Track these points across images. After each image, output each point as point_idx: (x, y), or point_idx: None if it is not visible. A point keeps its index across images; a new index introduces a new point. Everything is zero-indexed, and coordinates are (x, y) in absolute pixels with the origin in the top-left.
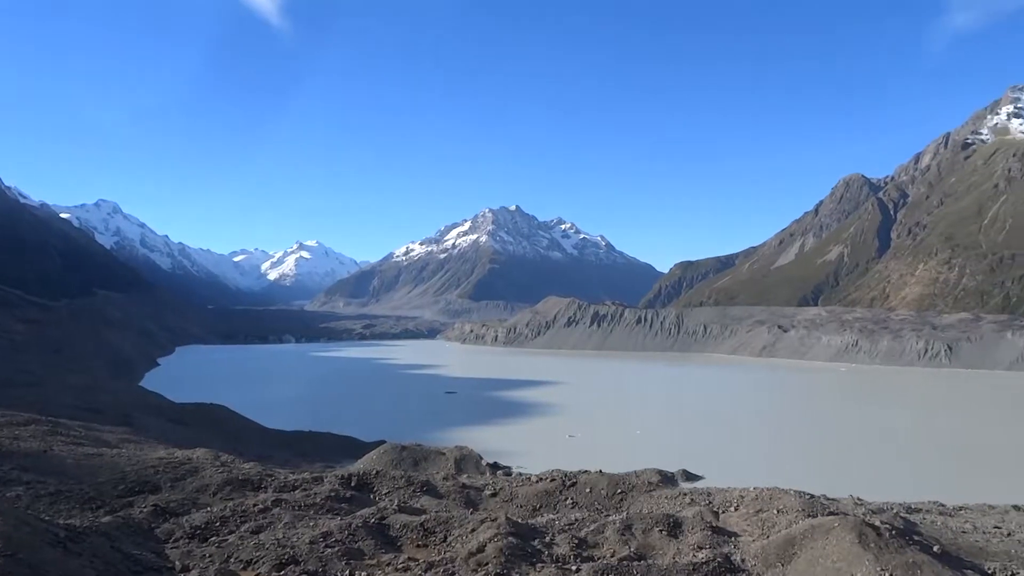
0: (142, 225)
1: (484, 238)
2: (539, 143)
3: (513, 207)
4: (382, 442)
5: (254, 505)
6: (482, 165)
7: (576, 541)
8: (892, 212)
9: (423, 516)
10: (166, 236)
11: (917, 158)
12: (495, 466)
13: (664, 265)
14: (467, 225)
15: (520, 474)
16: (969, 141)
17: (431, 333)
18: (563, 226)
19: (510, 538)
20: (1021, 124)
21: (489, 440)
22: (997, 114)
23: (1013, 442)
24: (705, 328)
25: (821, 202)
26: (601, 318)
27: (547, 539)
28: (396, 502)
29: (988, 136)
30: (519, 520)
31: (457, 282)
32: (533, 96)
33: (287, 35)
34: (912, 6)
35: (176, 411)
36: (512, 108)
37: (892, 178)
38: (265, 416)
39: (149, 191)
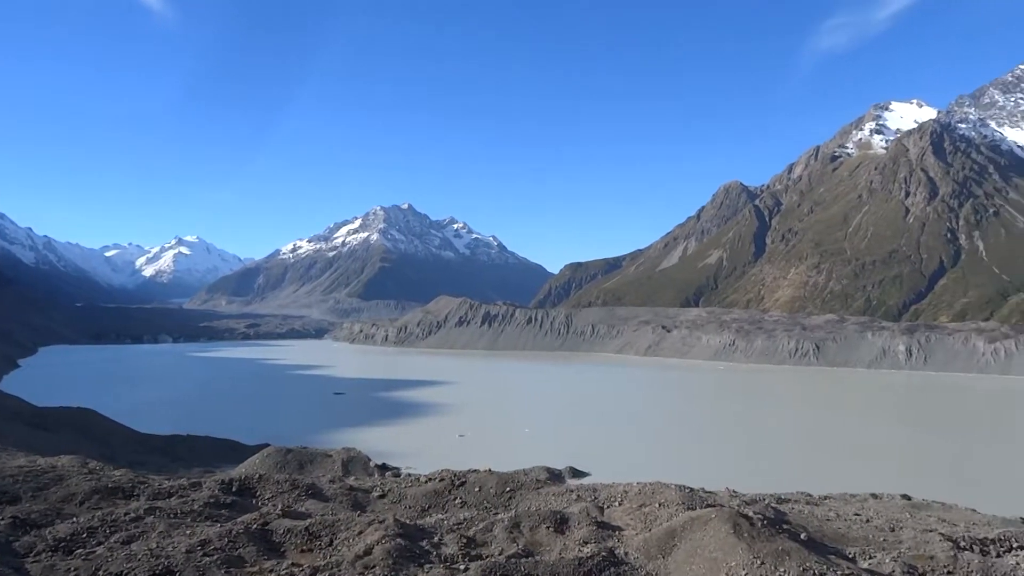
0: (0, 216)
1: (375, 236)
2: (432, 142)
3: (405, 205)
4: (265, 445)
5: (125, 514)
6: (374, 162)
7: (465, 540)
8: (767, 219)
9: (308, 520)
10: (29, 228)
11: (790, 168)
12: (384, 467)
13: (555, 266)
14: (358, 223)
15: (409, 475)
16: (836, 154)
17: (319, 333)
18: (456, 225)
19: (398, 539)
20: (882, 140)
21: (378, 441)
22: (861, 130)
23: (871, 435)
24: (593, 328)
25: (703, 208)
26: (492, 318)
27: (436, 539)
28: (280, 507)
29: (853, 150)
30: (408, 521)
31: (347, 281)
32: (426, 97)
33: (169, 18)
34: (787, 26)
35: (38, 416)
36: (404, 107)
37: (768, 186)
38: (138, 420)
39: (8, 181)
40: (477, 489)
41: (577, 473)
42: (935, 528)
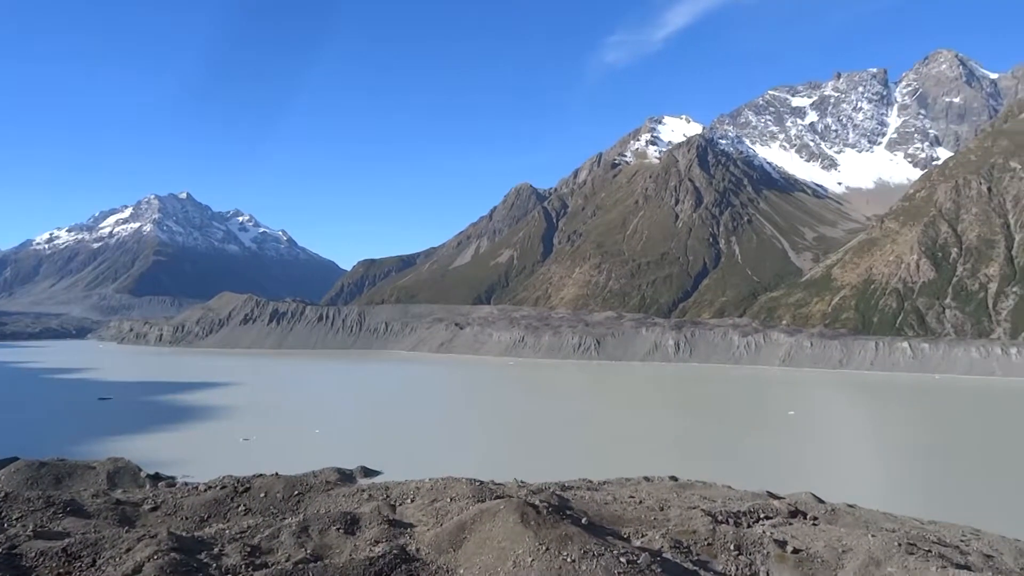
0: None
1: (149, 227)
2: (215, 129)
3: (184, 194)
4: (14, 459)
5: None
6: (147, 146)
7: (248, 549)
8: (555, 220)
9: (66, 540)
10: None
11: (576, 173)
12: (157, 477)
13: (347, 262)
14: (128, 212)
15: (186, 483)
16: (616, 162)
17: (81, 333)
18: (241, 218)
19: (172, 554)
20: (656, 150)
21: (151, 449)
22: (638, 140)
23: (645, 422)
24: (387, 325)
25: (495, 208)
26: (281, 315)
27: (216, 551)
28: (31, 527)
29: (631, 159)
30: (184, 534)
31: (115, 275)
32: (207, 81)
33: None
34: (574, 39)
35: None
36: (183, 90)
37: (555, 190)
38: None
39: None
40: (263, 495)
41: (369, 472)
42: (698, 505)
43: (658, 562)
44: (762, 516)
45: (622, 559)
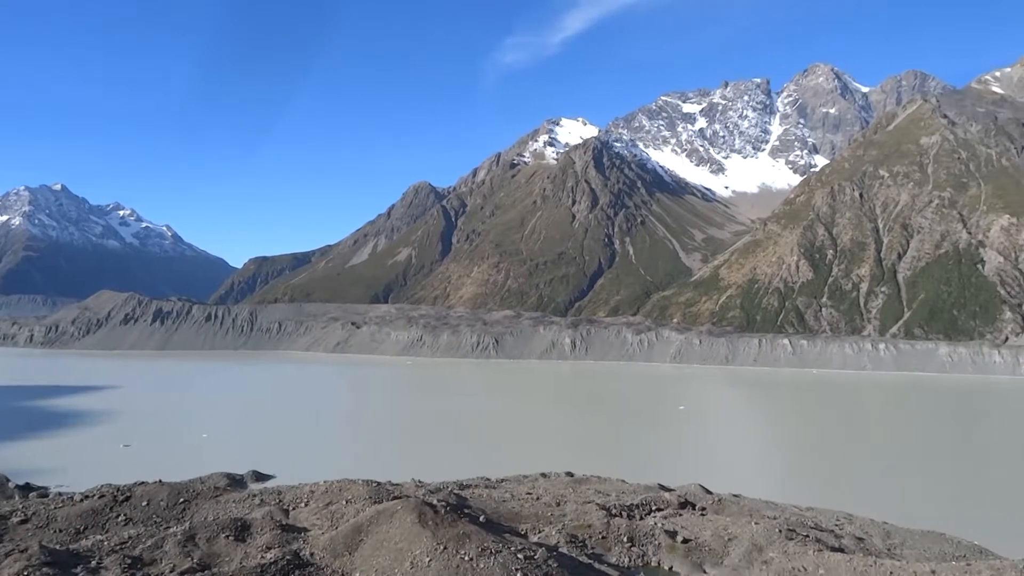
0: None
1: (18, 220)
2: (92, 116)
3: (58, 186)
4: None
5: None
6: (14, 133)
7: (129, 561)
8: (454, 219)
9: None
10: None
11: (475, 172)
12: (27, 487)
13: (238, 260)
14: None
15: (60, 494)
16: (515, 162)
17: None
18: (122, 212)
19: (45, 569)
20: (554, 152)
21: (20, 458)
22: (536, 141)
23: (542, 419)
24: (280, 325)
25: (393, 206)
26: (165, 315)
27: (93, 564)
28: None
29: (530, 159)
30: (58, 547)
31: None
32: (84, 66)
33: None
34: (473, 40)
35: None
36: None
37: (454, 188)
38: None
39: None
40: (145, 503)
41: (261, 477)
42: (593, 500)
43: (554, 557)
44: (654, 508)
45: (519, 555)
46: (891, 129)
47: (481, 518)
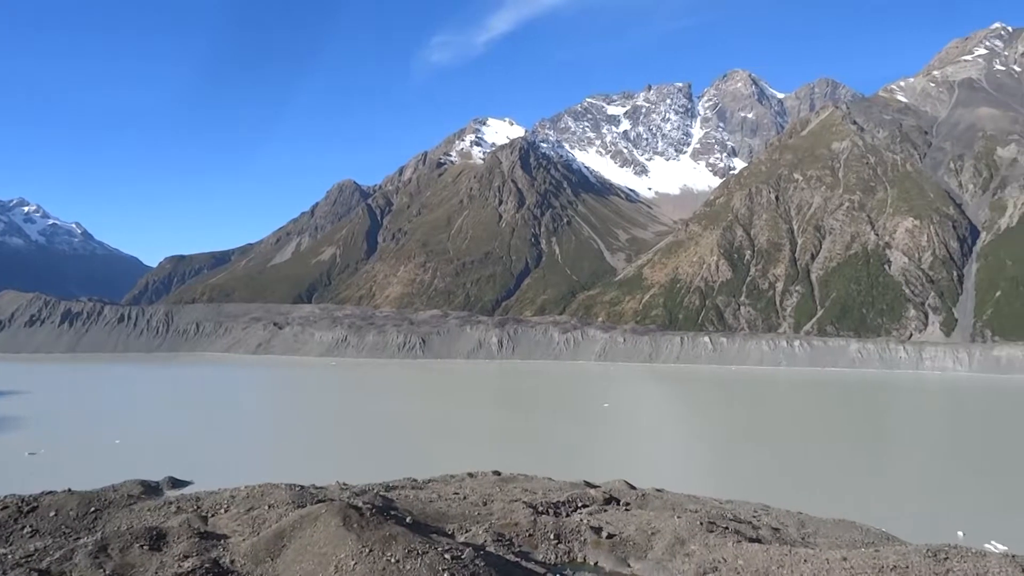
0: None
1: None
2: None
3: None
4: None
5: None
6: None
7: (36, 575)
8: (379, 218)
9: None
10: None
11: (401, 171)
12: None
13: (153, 259)
14: None
15: None
16: (442, 161)
17: None
18: (26, 208)
19: None
20: (480, 151)
21: None
22: (463, 140)
23: (469, 418)
24: (198, 326)
25: (317, 204)
26: (74, 316)
27: None
28: None
29: (456, 158)
30: None
31: None
32: None
33: None
34: (399, 38)
35: None
36: None
37: (380, 187)
38: None
39: None
40: (52, 513)
41: (177, 483)
42: (520, 498)
43: (481, 556)
44: (580, 505)
45: (446, 556)
46: (805, 134)
47: (408, 519)
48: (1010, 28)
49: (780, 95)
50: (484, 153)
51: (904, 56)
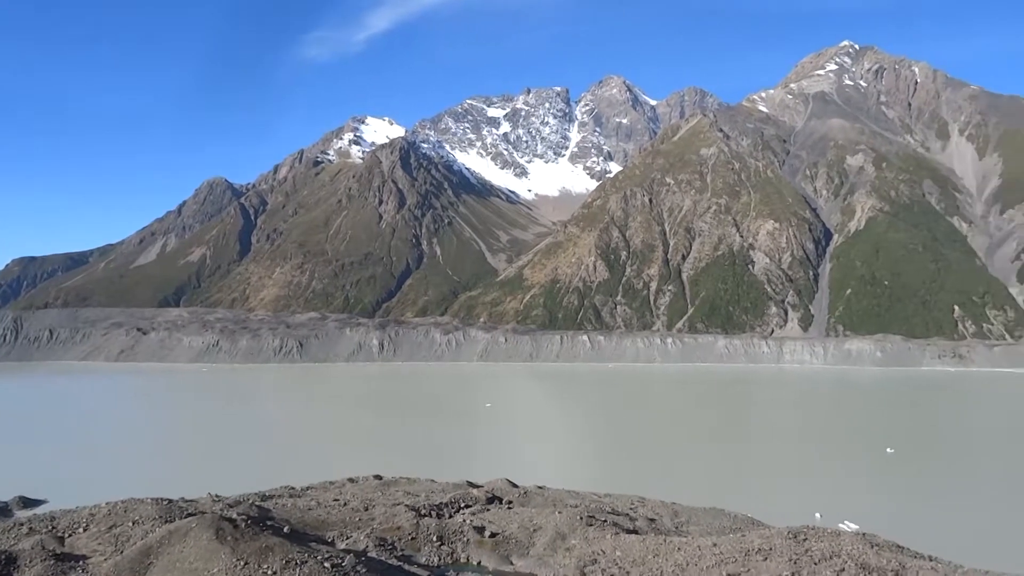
0: None
1: None
2: None
3: None
4: None
5: None
6: None
7: None
8: (253, 217)
9: None
10: None
11: (276, 169)
12: None
13: None
14: None
15: None
16: (319, 160)
17: None
18: None
19: None
20: (359, 150)
21: None
22: (341, 139)
23: (349, 422)
24: (52, 333)
25: (185, 202)
26: None
27: None
28: None
29: (334, 157)
30: None
31: None
32: None
33: None
34: (273, 32)
35: None
36: None
37: (254, 185)
38: None
39: None
40: None
41: (29, 503)
42: (402, 501)
43: (363, 562)
44: (463, 505)
45: (326, 564)
46: (676, 140)
47: (285, 529)
48: (857, 46)
49: (653, 102)
50: (363, 152)
51: (765, 68)
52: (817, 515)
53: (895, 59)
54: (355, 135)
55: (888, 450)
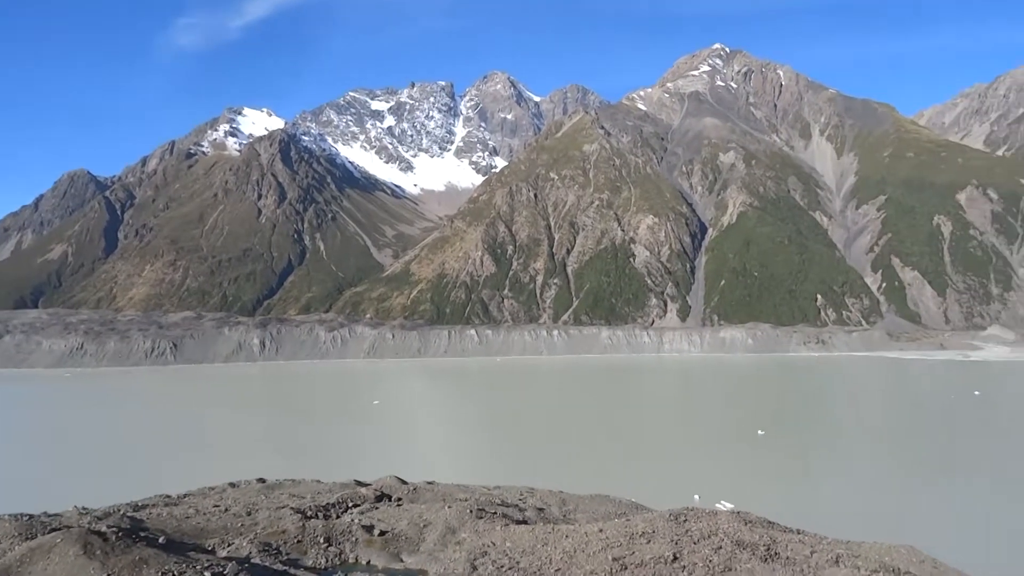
0: None
1: None
2: None
3: None
4: None
5: None
6: None
7: None
8: (119, 212)
9: None
10: None
11: (144, 162)
12: None
13: None
14: None
15: None
16: (192, 152)
17: None
18: None
19: None
20: (236, 142)
21: None
22: (216, 130)
23: (228, 425)
24: None
25: (42, 196)
26: None
27: None
28: None
29: (209, 149)
30: None
31: None
32: None
33: None
34: (139, 16)
35: None
36: None
37: (120, 178)
38: None
39: None
40: None
41: None
42: (287, 504)
43: (246, 569)
44: (351, 505)
45: (206, 573)
46: (559, 136)
47: (161, 539)
48: (728, 49)
49: (537, 98)
50: (240, 144)
51: (643, 68)
52: (696, 497)
53: (762, 62)
54: (231, 126)
55: (759, 432)
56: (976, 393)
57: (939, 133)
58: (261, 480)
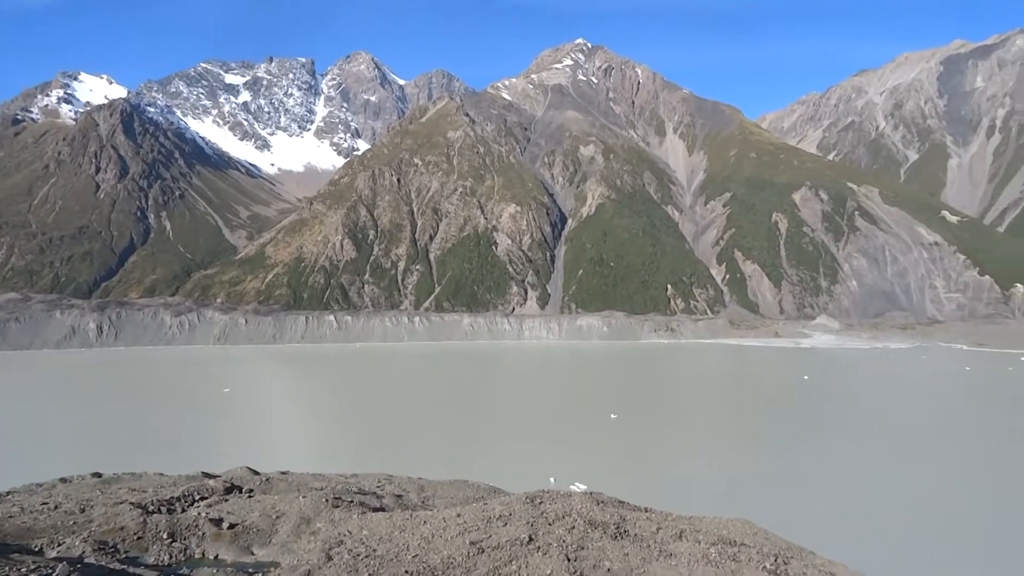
0: None
1: None
2: None
3: None
4: None
5: None
6: None
7: None
8: None
9: None
10: None
11: None
12: None
13: None
14: None
15: None
16: (20, 118)
17: None
18: None
19: None
20: (71, 110)
21: None
22: (48, 96)
23: (59, 417)
24: None
25: None
26: None
27: None
28: None
29: (39, 116)
30: None
31: None
32: None
33: None
34: None
35: None
36: None
37: None
38: None
39: None
40: None
41: None
42: (126, 499)
43: (78, 569)
44: (197, 498)
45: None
46: (424, 121)
47: None
48: (590, 45)
49: (401, 81)
50: (76, 113)
51: (508, 58)
52: (551, 479)
53: (622, 60)
54: (65, 92)
55: (612, 415)
56: (805, 378)
57: (779, 136)
58: (96, 475)
